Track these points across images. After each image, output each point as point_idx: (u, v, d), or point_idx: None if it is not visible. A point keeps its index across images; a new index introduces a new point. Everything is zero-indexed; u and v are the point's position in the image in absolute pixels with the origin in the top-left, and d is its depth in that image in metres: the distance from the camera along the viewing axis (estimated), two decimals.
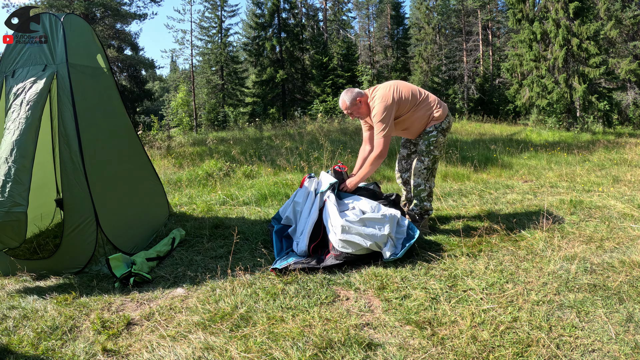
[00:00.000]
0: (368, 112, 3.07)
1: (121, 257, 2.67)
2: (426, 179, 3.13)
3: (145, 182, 3.59)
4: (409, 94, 3.02)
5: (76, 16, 3.05)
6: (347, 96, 3.03)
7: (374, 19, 32.73)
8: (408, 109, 3.02)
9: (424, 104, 3.07)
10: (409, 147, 3.38)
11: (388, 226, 2.68)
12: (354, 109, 3.05)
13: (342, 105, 3.07)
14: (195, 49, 25.51)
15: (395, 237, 2.74)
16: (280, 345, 1.83)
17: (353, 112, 3.07)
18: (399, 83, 3.06)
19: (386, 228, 2.66)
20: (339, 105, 3.07)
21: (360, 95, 3.03)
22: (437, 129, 3.08)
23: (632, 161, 7.34)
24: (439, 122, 3.08)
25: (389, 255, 2.60)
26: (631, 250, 2.71)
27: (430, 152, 3.09)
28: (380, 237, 2.62)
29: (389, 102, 2.93)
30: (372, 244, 2.61)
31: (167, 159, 8.72)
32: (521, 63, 17.75)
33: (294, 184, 5.15)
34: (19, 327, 2.11)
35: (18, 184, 2.49)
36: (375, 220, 2.69)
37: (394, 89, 2.99)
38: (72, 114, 2.73)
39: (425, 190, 3.15)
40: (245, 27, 28.82)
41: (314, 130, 12.50)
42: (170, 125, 21.45)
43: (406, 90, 3.03)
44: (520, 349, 1.75)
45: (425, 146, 3.09)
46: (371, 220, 2.69)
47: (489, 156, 8.06)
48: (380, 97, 2.96)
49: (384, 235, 2.63)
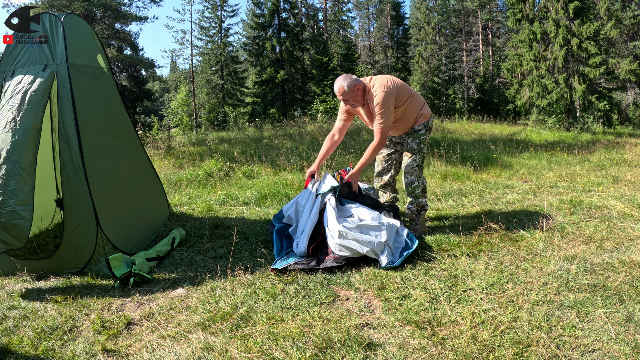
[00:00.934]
0: (362, 102, 3.03)
1: (121, 257, 2.67)
2: (418, 176, 3.18)
3: (145, 182, 3.59)
4: (402, 86, 3.05)
5: (76, 16, 3.05)
6: (346, 82, 2.92)
7: (374, 19, 32.76)
8: (404, 101, 3.04)
9: (416, 98, 3.13)
10: (388, 146, 3.38)
11: (385, 233, 2.69)
12: (352, 95, 2.95)
13: (338, 90, 2.94)
14: (195, 49, 25.53)
15: (394, 246, 2.73)
16: (280, 345, 1.83)
17: (349, 100, 2.98)
18: (390, 76, 3.08)
19: (383, 235, 2.67)
20: (335, 90, 2.98)
21: (358, 83, 2.96)
22: (426, 127, 3.16)
23: (632, 161, 7.34)
24: (427, 121, 3.16)
25: (385, 263, 2.60)
26: (631, 250, 2.71)
27: (420, 150, 3.16)
28: (377, 244, 2.63)
29: (390, 91, 2.93)
30: (369, 250, 2.62)
31: (167, 159, 8.73)
32: (521, 63, 17.75)
33: (293, 184, 5.15)
34: (19, 327, 2.11)
35: (22, 183, 2.48)
36: (371, 227, 2.71)
37: (391, 80, 3.02)
38: (72, 114, 2.73)
39: (419, 186, 3.18)
40: (245, 27, 28.84)
41: (314, 130, 12.51)
42: (170, 125, 21.44)
43: (399, 82, 3.07)
44: (520, 349, 1.75)
45: (416, 144, 3.14)
46: (367, 227, 2.71)
47: (489, 156, 8.06)
48: (382, 86, 2.93)
49: (381, 242, 2.64)
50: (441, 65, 26.89)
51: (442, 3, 28.17)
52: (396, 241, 2.78)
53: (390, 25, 29.78)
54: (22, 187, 2.48)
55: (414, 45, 29.72)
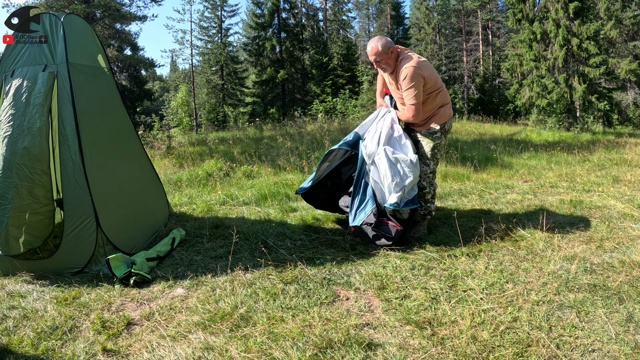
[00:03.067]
0: (392, 68, 2.92)
1: (121, 257, 2.67)
2: (431, 183, 3.16)
3: (145, 182, 3.59)
4: (435, 75, 2.94)
5: (76, 16, 3.05)
6: (381, 42, 2.79)
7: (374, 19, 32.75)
8: (429, 91, 2.93)
9: (441, 95, 3.00)
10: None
11: (411, 180, 2.88)
12: (385, 57, 2.83)
13: (371, 50, 2.82)
14: (195, 48, 25.52)
15: (407, 194, 2.94)
16: (280, 345, 1.84)
17: (381, 62, 2.86)
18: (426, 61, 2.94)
19: (409, 178, 2.88)
20: (367, 50, 2.89)
21: (393, 46, 2.82)
22: (442, 130, 3.04)
23: (632, 161, 7.34)
24: (444, 122, 3.03)
25: (391, 203, 2.83)
26: (631, 250, 2.71)
27: (434, 156, 3.11)
28: (399, 182, 2.86)
29: (420, 71, 2.79)
30: (396, 183, 2.85)
31: (167, 159, 8.72)
32: (521, 63, 17.74)
33: (294, 184, 5.15)
34: (19, 327, 2.11)
35: (40, 186, 2.69)
36: (407, 165, 2.89)
37: (426, 62, 2.88)
38: (72, 114, 2.73)
39: (430, 192, 3.17)
40: (245, 27, 28.83)
41: (314, 130, 12.50)
42: (170, 125, 21.44)
43: (433, 70, 2.95)
44: (520, 349, 1.75)
45: (430, 149, 3.07)
46: (404, 162, 2.90)
47: (489, 156, 8.06)
48: (414, 62, 2.77)
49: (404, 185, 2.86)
50: (441, 65, 26.87)
51: (442, 3, 28.14)
52: (410, 191, 2.97)
53: (390, 25, 29.77)
54: (40, 190, 2.72)
55: (414, 45, 29.69)
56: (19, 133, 2.65)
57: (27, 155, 2.64)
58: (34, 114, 2.67)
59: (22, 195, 2.62)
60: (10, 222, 2.60)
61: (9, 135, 2.64)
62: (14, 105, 2.70)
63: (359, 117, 17.27)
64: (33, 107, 2.68)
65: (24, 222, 2.67)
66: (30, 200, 2.65)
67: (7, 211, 2.59)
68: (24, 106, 2.68)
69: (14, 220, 2.61)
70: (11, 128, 2.64)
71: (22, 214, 2.64)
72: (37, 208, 2.70)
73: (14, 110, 2.68)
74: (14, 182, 2.61)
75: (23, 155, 2.63)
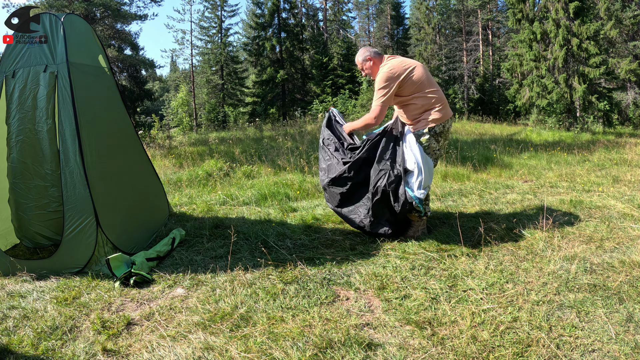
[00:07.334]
0: (375, 74, 3.14)
1: (121, 257, 2.67)
2: None
3: (145, 182, 3.59)
4: (418, 80, 2.95)
5: (76, 16, 3.05)
6: (360, 53, 3.18)
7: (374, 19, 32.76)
8: (409, 93, 2.97)
9: (426, 99, 2.97)
10: None
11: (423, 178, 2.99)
12: (363, 65, 3.16)
13: (356, 61, 3.23)
14: (195, 48, 25.54)
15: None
16: (280, 345, 1.84)
17: (364, 69, 3.19)
18: (418, 66, 2.99)
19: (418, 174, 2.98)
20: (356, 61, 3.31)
21: (371, 55, 3.11)
22: (430, 133, 2.98)
23: (632, 161, 7.34)
24: (433, 126, 2.97)
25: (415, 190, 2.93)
26: (631, 250, 2.71)
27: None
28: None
29: (394, 74, 2.93)
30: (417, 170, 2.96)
31: (167, 159, 8.73)
32: (521, 63, 17.75)
33: (293, 184, 5.15)
34: (19, 327, 2.11)
35: (56, 186, 2.90)
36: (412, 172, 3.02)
37: (408, 68, 2.95)
38: (72, 113, 2.73)
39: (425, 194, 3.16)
40: (245, 27, 28.84)
41: (314, 130, 12.50)
42: (170, 125, 21.46)
43: (419, 75, 2.95)
44: (520, 349, 1.75)
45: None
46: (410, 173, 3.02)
47: (489, 156, 8.06)
48: (390, 66, 2.98)
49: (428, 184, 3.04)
50: (441, 65, 26.86)
51: (442, 3, 28.14)
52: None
53: (390, 25, 29.79)
54: (55, 190, 2.93)
55: (414, 45, 29.69)
56: (30, 137, 2.85)
57: (40, 157, 2.86)
58: (41, 117, 2.82)
59: (42, 194, 2.92)
60: (33, 218, 2.94)
61: (21, 140, 2.85)
62: (21, 109, 2.82)
63: (359, 117, 17.23)
64: (40, 111, 2.79)
65: (46, 218, 2.97)
66: (49, 199, 2.93)
67: (30, 209, 2.93)
68: (31, 110, 2.83)
69: (37, 217, 2.94)
70: (22, 133, 2.85)
71: (43, 212, 2.95)
72: (55, 207, 2.93)
73: (22, 114, 2.83)
74: (33, 183, 2.90)
75: (36, 157, 2.86)
